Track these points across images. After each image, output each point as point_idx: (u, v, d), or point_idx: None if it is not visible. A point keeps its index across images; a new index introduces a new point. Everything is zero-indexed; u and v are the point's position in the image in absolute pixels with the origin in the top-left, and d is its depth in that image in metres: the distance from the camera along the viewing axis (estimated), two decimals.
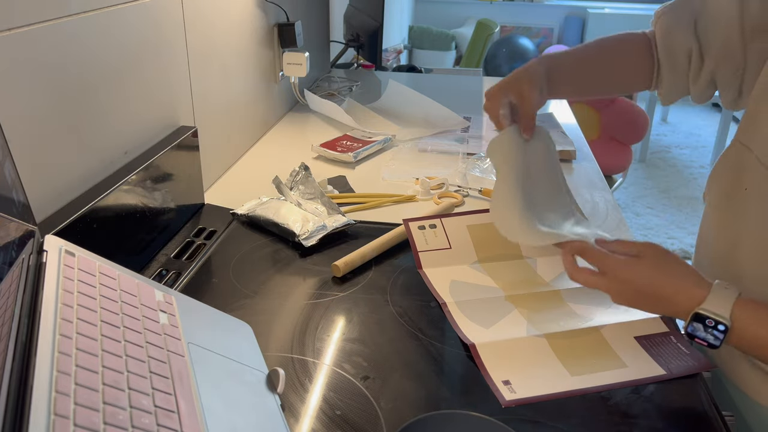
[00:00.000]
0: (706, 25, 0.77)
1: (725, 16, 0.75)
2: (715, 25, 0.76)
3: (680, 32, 0.79)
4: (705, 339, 0.60)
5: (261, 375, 0.62)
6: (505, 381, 0.66)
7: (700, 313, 0.60)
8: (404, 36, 4.60)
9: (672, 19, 0.81)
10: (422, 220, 0.96)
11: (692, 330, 0.61)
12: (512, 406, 0.63)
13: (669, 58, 0.81)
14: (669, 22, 0.81)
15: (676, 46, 0.80)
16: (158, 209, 0.90)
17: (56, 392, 0.41)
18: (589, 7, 4.94)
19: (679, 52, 0.80)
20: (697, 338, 0.61)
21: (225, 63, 1.18)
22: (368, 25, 2.04)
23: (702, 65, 0.79)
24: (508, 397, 0.63)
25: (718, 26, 0.76)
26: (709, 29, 0.77)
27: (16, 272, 0.51)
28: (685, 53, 0.80)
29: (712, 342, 0.60)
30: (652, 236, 3.06)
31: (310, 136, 1.40)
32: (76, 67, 0.73)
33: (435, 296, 0.81)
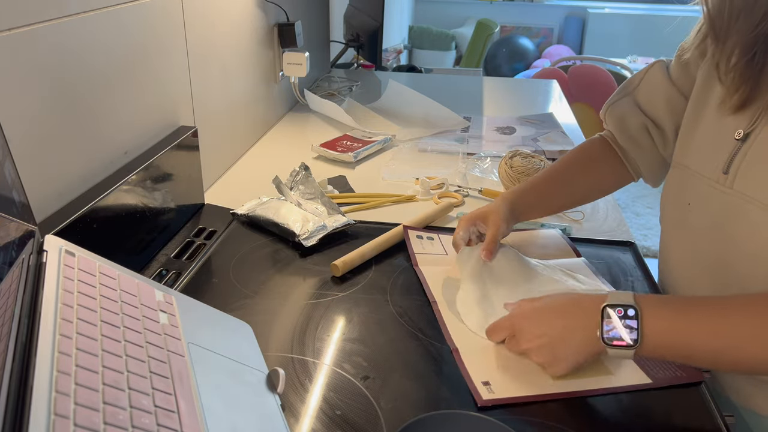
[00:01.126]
0: (648, 99, 0.84)
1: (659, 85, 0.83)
2: (655, 95, 0.83)
3: (630, 116, 0.85)
4: (621, 336, 0.60)
5: (261, 375, 0.62)
6: (485, 382, 0.66)
7: (607, 305, 0.62)
8: (404, 36, 4.60)
9: (618, 109, 0.87)
10: (421, 231, 0.96)
11: (608, 329, 0.61)
12: (488, 406, 0.63)
13: (631, 142, 0.86)
14: (617, 112, 0.87)
15: (632, 129, 0.85)
16: (158, 209, 0.90)
17: (56, 392, 0.41)
18: (589, 7, 4.94)
19: (636, 132, 0.85)
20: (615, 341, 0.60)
21: (225, 63, 1.18)
22: (368, 25, 2.04)
23: (663, 132, 0.83)
24: (485, 397, 0.64)
25: (657, 94, 0.83)
26: (651, 101, 0.84)
27: (16, 272, 0.51)
28: (642, 131, 0.85)
29: (628, 337, 0.60)
30: (652, 236, 3.06)
31: (310, 136, 1.40)
32: (76, 67, 0.73)
33: (427, 294, 0.81)
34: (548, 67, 3.78)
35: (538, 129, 1.49)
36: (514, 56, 4.64)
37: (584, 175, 0.90)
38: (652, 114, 0.84)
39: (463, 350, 0.71)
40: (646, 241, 3.01)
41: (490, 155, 1.31)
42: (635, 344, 0.60)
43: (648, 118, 0.84)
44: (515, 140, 1.42)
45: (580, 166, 0.90)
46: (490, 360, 0.69)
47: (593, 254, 0.93)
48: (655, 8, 4.87)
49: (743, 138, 0.65)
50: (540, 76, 3.32)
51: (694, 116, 0.75)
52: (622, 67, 3.36)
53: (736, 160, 0.66)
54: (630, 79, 0.88)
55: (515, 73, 4.41)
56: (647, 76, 0.85)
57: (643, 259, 0.93)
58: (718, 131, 0.69)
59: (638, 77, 0.87)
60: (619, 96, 0.88)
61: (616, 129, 0.87)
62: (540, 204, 0.90)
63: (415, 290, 0.83)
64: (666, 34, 4.52)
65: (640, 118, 0.84)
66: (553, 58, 4.40)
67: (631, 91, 0.87)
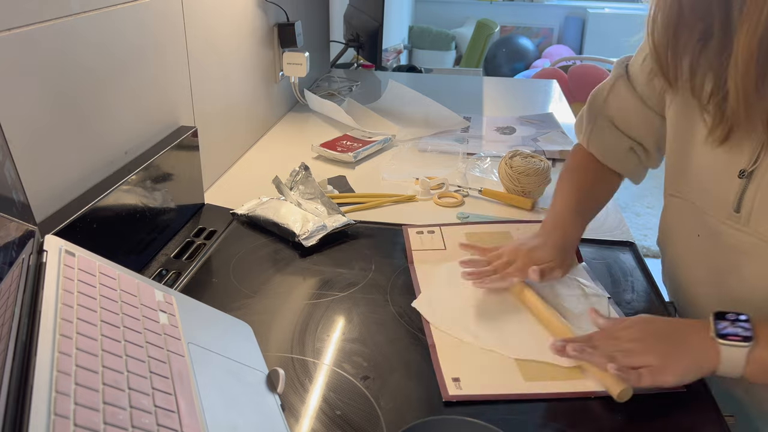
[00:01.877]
0: (622, 119, 0.84)
1: (630, 106, 0.82)
2: (629, 116, 0.82)
3: (614, 142, 0.85)
4: (736, 333, 0.60)
5: (261, 375, 0.62)
6: (455, 378, 0.66)
7: (719, 311, 0.62)
8: (404, 36, 4.60)
9: (599, 136, 0.86)
10: (422, 226, 0.96)
11: (722, 327, 0.61)
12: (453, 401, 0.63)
13: (618, 164, 0.86)
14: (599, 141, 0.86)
15: (619, 154, 0.85)
16: (158, 209, 0.90)
17: (56, 392, 0.41)
18: (589, 7, 4.93)
19: (623, 156, 0.85)
20: (729, 336, 0.60)
21: (225, 63, 1.18)
22: (368, 25, 2.04)
23: (647, 150, 0.84)
24: (452, 392, 0.64)
25: (632, 115, 0.82)
26: (627, 122, 0.83)
27: (16, 272, 0.51)
28: (629, 153, 0.85)
29: (744, 334, 0.60)
30: (652, 236, 3.05)
31: (310, 136, 1.40)
32: (76, 67, 0.73)
33: (415, 290, 0.82)
34: (548, 67, 3.79)
35: (538, 129, 1.49)
36: (514, 56, 4.64)
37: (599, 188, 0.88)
38: (632, 134, 0.83)
39: (440, 346, 0.71)
40: (646, 241, 3.00)
41: (490, 155, 1.31)
42: (749, 340, 0.59)
43: (631, 139, 0.84)
44: (515, 140, 1.42)
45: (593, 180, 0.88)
46: (464, 357, 0.70)
47: (593, 254, 0.93)
48: None
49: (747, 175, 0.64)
50: (540, 76, 3.33)
51: (681, 148, 0.73)
52: None
53: (746, 199, 0.65)
54: (595, 96, 0.87)
55: (515, 73, 4.41)
56: (614, 94, 0.84)
57: (643, 259, 0.93)
58: (715, 166, 0.68)
59: (602, 95, 0.85)
60: (591, 119, 0.86)
61: (603, 157, 0.86)
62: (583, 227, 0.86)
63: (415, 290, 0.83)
64: None
65: (625, 142, 0.84)
66: (553, 58, 4.40)
67: (601, 110, 0.85)
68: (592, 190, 0.87)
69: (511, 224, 0.98)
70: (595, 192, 0.88)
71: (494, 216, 1.05)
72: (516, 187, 1.08)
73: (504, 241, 0.93)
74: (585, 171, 0.88)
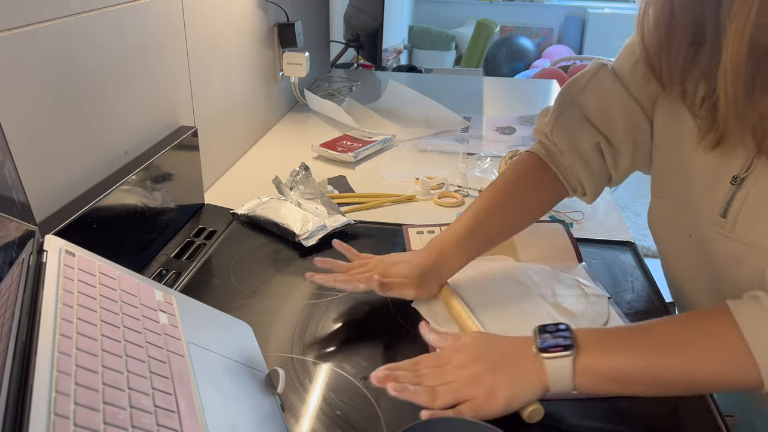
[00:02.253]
0: (599, 111, 0.77)
1: (615, 95, 0.76)
2: (608, 108, 0.77)
3: (581, 132, 0.78)
4: (556, 344, 0.59)
5: (261, 375, 0.62)
6: None
7: (542, 325, 0.61)
8: (404, 36, 4.60)
9: (566, 122, 0.79)
10: (422, 226, 0.96)
11: (542, 341, 0.60)
12: None
13: (580, 160, 0.79)
14: (566, 126, 0.79)
15: (583, 147, 0.78)
16: (158, 209, 0.90)
17: (56, 392, 0.41)
18: (589, 7, 4.93)
19: (588, 151, 0.78)
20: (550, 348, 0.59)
21: (225, 63, 1.18)
22: (368, 25, 2.04)
23: (616, 150, 0.78)
24: None
25: (612, 107, 0.76)
26: (604, 115, 0.77)
27: (16, 272, 0.51)
28: (594, 150, 0.78)
29: (564, 343, 0.59)
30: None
31: (310, 136, 1.40)
32: (76, 67, 0.73)
33: None
34: (548, 67, 3.79)
35: None
36: (514, 56, 4.64)
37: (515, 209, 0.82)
38: (605, 129, 0.78)
39: None
40: (646, 241, 3.00)
41: (490, 155, 1.31)
42: (570, 348, 0.58)
43: (601, 135, 0.78)
44: (515, 140, 1.42)
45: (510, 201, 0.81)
46: None
47: (593, 254, 0.93)
48: None
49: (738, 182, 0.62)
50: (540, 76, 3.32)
51: (671, 150, 0.71)
52: None
53: (733, 205, 0.63)
54: (571, 84, 0.81)
55: (515, 73, 4.41)
56: (594, 83, 0.78)
57: (643, 259, 0.93)
58: (705, 170, 0.66)
59: (581, 81, 0.79)
60: (563, 105, 0.80)
61: (565, 146, 0.79)
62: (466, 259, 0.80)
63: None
64: None
65: (593, 136, 0.78)
66: (553, 58, 4.40)
67: (574, 99, 0.79)
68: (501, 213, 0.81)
69: None
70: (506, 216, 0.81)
71: None
72: None
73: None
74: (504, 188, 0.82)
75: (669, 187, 0.73)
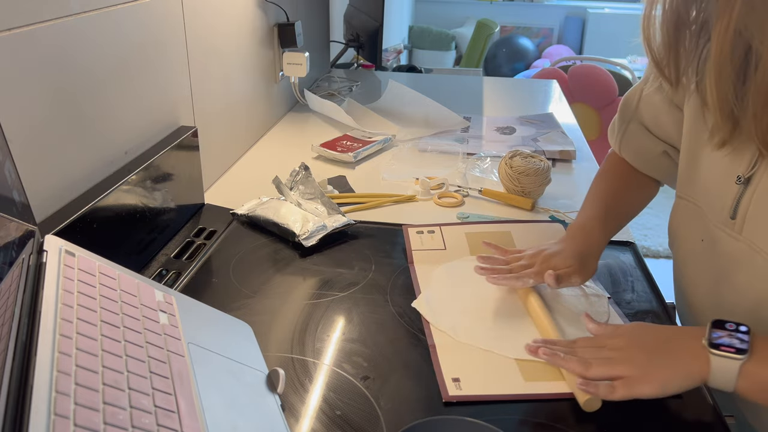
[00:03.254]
0: (655, 123, 0.81)
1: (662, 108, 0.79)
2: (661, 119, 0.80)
3: (647, 146, 0.83)
4: (731, 344, 0.56)
5: (261, 375, 0.62)
6: (455, 378, 0.66)
7: (718, 320, 0.59)
8: (404, 36, 4.60)
9: (632, 140, 0.84)
10: (422, 226, 0.96)
11: (716, 336, 0.57)
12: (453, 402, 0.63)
13: (652, 168, 0.84)
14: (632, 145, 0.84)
15: (652, 158, 0.83)
16: (158, 209, 0.90)
17: (56, 392, 0.41)
18: (589, 7, 4.93)
19: (657, 160, 0.83)
20: (722, 346, 0.57)
21: (225, 63, 1.18)
22: (368, 25, 2.04)
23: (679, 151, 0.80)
24: (452, 393, 0.64)
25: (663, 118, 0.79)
26: (659, 125, 0.81)
27: (16, 272, 0.51)
28: (662, 156, 0.83)
29: (739, 346, 0.56)
30: (652, 236, 3.06)
31: (310, 136, 1.40)
32: (76, 67, 0.73)
33: (416, 291, 0.82)
34: (548, 67, 3.78)
35: (538, 129, 1.49)
36: (514, 56, 4.64)
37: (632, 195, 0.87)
38: (666, 138, 0.81)
39: (440, 346, 0.71)
40: (646, 241, 3.01)
41: (490, 155, 1.31)
42: (743, 353, 0.55)
43: (665, 143, 0.82)
44: (515, 140, 1.42)
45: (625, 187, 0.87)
46: (464, 357, 0.70)
47: None
48: None
49: (744, 182, 0.63)
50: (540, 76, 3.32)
51: (691, 150, 0.73)
52: (622, 67, 3.36)
53: (741, 206, 0.63)
54: (627, 101, 0.85)
55: (515, 73, 4.40)
56: (645, 100, 0.82)
57: (643, 259, 0.93)
58: (717, 170, 0.67)
59: (633, 99, 0.84)
60: (624, 123, 0.85)
61: (635, 161, 0.85)
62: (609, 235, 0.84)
63: (415, 290, 0.83)
64: None
65: (658, 145, 0.82)
66: (553, 58, 4.40)
67: (633, 114, 0.84)
68: (623, 196, 0.86)
69: (511, 224, 0.98)
70: (626, 198, 0.86)
71: (494, 216, 1.05)
72: (516, 187, 1.08)
73: (504, 241, 0.93)
74: (616, 176, 0.87)
75: (689, 189, 0.74)
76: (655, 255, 2.92)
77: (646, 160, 0.84)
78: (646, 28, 0.66)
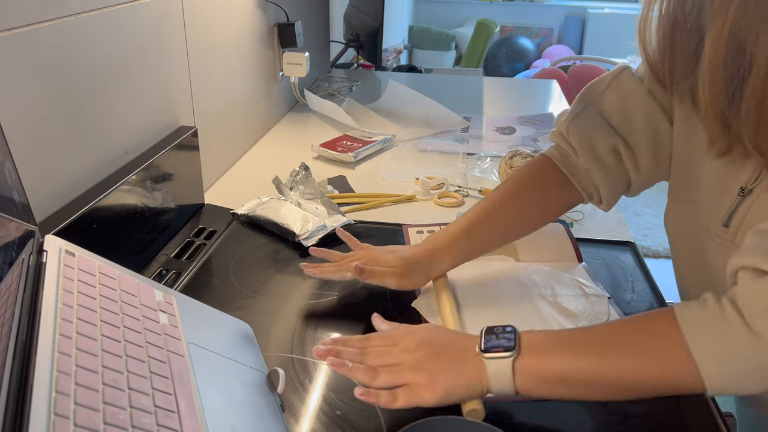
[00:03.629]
0: (618, 112, 0.75)
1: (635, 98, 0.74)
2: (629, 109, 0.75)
3: (598, 133, 0.76)
4: (499, 345, 0.58)
5: (261, 375, 0.62)
6: None
7: (490, 326, 0.61)
8: (404, 36, 4.60)
9: (583, 123, 0.77)
10: (422, 226, 0.96)
11: (487, 341, 0.59)
12: None
13: (597, 162, 0.76)
14: (583, 128, 0.77)
15: (600, 149, 0.76)
16: (158, 209, 0.90)
17: (56, 392, 0.41)
18: (589, 7, 4.93)
19: (604, 153, 0.76)
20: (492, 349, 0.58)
21: (225, 63, 1.18)
22: (368, 25, 2.04)
23: (634, 153, 0.76)
24: None
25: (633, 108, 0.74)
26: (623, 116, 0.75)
27: (16, 272, 0.51)
28: (611, 152, 0.76)
29: (506, 344, 0.58)
30: (652, 236, 3.06)
31: (310, 136, 1.40)
32: (76, 67, 0.73)
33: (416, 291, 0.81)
34: (548, 67, 3.79)
35: (538, 129, 1.49)
36: (514, 56, 4.64)
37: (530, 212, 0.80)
38: (623, 131, 0.75)
39: None
40: (646, 241, 3.00)
41: (490, 155, 1.31)
42: (512, 349, 0.58)
43: (619, 136, 0.75)
44: (515, 140, 1.42)
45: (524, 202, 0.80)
46: None
47: (593, 254, 0.93)
48: None
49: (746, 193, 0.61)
50: (540, 76, 3.33)
51: (686, 154, 0.70)
52: None
53: (737, 216, 0.62)
54: (592, 86, 0.79)
55: (515, 73, 4.41)
56: (615, 85, 0.76)
57: (643, 259, 0.93)
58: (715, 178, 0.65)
59: (602, 85, 0.77)
60: (581, 106, 0.78)
61: (581, 146, 0.76)
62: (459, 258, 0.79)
63: (416, 290, 0.83)
64: None
65: (610, 137, 0.75)
66: (553, 58, 4.40)
67: (594, 99, 0.77)
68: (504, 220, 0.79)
69: None
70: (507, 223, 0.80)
71: None
72: None
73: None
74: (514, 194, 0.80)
75: (683, 192, 0.72)
76: (655, 255, 2.92)
77: (592, 149, 0.76)
78: (642, 31, 0.65)
